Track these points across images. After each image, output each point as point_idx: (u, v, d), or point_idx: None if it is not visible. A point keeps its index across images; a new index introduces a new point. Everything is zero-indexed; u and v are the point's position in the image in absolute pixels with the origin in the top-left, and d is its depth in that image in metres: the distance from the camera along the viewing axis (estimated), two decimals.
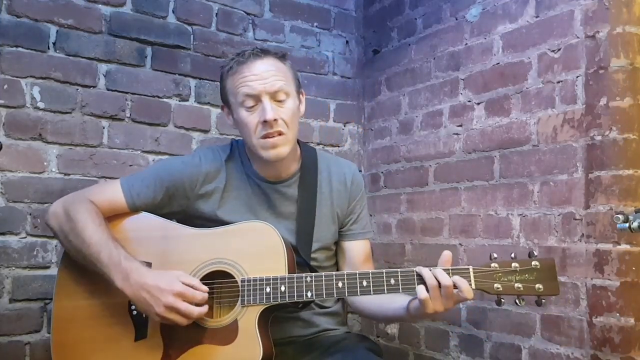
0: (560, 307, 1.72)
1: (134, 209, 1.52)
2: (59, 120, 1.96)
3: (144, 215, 1.52)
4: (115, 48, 2.07)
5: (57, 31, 1.97)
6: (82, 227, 1.42)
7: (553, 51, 1.80)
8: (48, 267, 1.92)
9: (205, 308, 1.35)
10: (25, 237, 1.90)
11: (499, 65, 1.99)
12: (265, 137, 1.45)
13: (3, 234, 1.86)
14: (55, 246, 1.93)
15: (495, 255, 1.34)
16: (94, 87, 2.03)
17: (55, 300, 1.48)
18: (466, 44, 2.13)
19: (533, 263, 1.31)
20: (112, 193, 1.51)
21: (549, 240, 1.78)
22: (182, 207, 1.55)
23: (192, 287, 1.34)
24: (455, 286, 1.30)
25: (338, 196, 1.63)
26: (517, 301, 1.31)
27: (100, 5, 2.05)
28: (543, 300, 1.31)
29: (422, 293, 1.30)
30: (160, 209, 1.53)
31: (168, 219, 1.53)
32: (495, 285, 1.31)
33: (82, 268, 1.45)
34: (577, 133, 1.71)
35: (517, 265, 1.31)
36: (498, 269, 1.31)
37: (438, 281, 1.30)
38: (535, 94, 1.85)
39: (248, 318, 1.38)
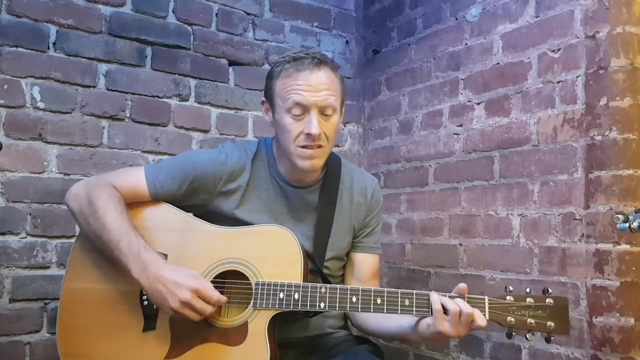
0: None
1: (156, 199, 1.50)
2: (59, 120, 1.97)
3: (165, 206, 1.51)
4: (115, 48, 2.07)
5: (57, 31, 1.97)
6: (104, 212, 1.41)
7: (553, 51, 1.80)
8: (48, 267, 1.92)
9: (217, 307, 1.35)
10: (25, 237, 1.90)
11: (499, 65, 1.99)
12: (304, 147, 1.44)
13: (3, 234, 1.86)
14: (55, 246, 1.93)
15: (511, 288, 1.34)
16: (94, 87, 2.03)
17: (66, 280, 1.47)
18: (466, 44, 2.13)
19: (547, 300, 1.31)
20: (136, 181, 1.50)
21: (549, 240, 1.78)
22: (203, 202, 1.54)
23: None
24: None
25: (357, 208, 1.62)
26: (527, 336, 1.31)
27: (100, 5, 2.05)
28: (552, 338, 1.31)
29: (437, 303, 1.29)
30: (181, 202, 1.52)
31: (187, 212, 1.53)
32: (509, 318, 1.31)
33: (96, 251, 1.44)
34: (577, 133, 1.71)
35: (531, 300, 1.32)
36: (513, 302, 1.32)
37: (460, 308, 1.29)
38: (535, 94, 1.85)
39: (259, 322, 1.37)
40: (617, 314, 1.57)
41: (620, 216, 1.31)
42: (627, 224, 1.29)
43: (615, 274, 1.58)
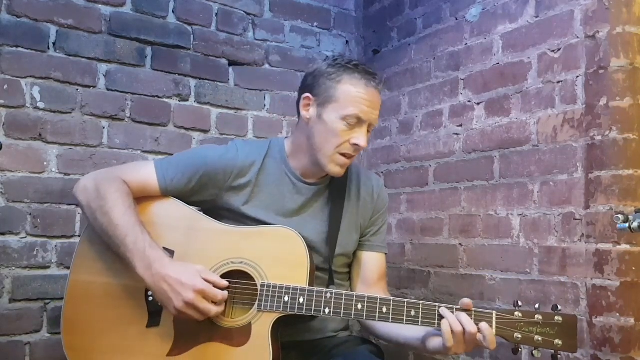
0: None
1: (165, 193, 1.51)
2: (59, 120, 1.96)
3: (173, 202, 1.51)
4: (115, 48, 2.07)
5: (57, 31, 1.97)
6: (111, 207, 1.40)
7: (553, 51, 1.80)
8: (48, 267, 1.92)
9: (222, 307, 1.35)
10: (25, 237, 1.89)
11: (499, 65, 1.99)
12: (344, 155, 1.47)
13: (3, 234, 1.86)
14: (55, 246, 1.93)
15: (520, 304, 1.32)
16: (94, 87, 2.03)
17: (72, 273, 1.47)
18: (466, 44, 2.13)
19: (556, 318, 1.29)
20: (146, 175, 1.50)
21: (549, 240, 1.78)
22: (212, 197, 1.54)
23: (212, 283, 1.34)
24: (479, 330, 1.28)
25: (364, 206, 1.62)
26: (533, 352, 1.30)
27: (100, 5, 2.05)
28: (559, 355, 1.30)
29: (449, 341, 1.27)
30: (189, 197, 1.52)
31: (196, 207, 1.53)
32: (516, 334, 1.30)
33: (103, 244, 1.44)
34: (577, 133, 1.71)
35: (540, 317, 1.30)
36: (521, 318, 1.30)
37: (463, 327, 1.28)
38: (535, 94, 1.85)
39: (262, 324, 1.37)
40: (617, 314, 1.57)
41: (620, 216, 1.30)
42: (627, 224, 1.29)
43: (615, 274, 1.58)
